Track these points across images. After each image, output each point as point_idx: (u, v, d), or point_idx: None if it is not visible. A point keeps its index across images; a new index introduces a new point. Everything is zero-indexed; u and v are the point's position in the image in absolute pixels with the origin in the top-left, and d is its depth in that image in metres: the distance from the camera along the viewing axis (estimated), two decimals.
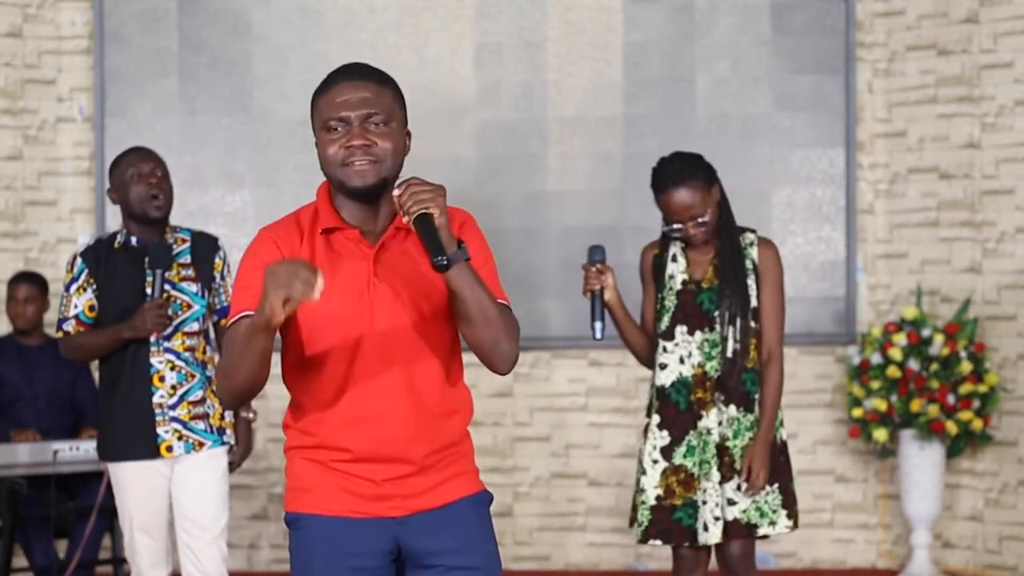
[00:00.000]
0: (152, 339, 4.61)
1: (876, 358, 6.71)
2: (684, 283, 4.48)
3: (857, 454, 7.07)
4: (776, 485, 4.45)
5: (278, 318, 2.61)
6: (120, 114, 7.01)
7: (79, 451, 5.74)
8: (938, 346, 6.64)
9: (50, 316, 6.67)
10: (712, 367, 4.43)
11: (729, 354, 4.42)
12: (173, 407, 4.63)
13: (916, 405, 6.56)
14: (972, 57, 6.84)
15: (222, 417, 4.74)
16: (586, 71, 7.06)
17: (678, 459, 4.45)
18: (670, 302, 4.48)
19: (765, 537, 4.49)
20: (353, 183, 2.86)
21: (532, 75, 7.03)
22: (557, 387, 6.96)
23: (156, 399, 4.62)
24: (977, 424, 6.60)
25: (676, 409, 4.45)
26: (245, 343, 2.71)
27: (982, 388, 6.62)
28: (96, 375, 6.61)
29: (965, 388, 6.59)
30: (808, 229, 6.98)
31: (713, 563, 4.60)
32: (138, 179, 4.67)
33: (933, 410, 6.56)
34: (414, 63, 7.03)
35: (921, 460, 6.65)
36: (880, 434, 6.67)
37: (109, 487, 5.77)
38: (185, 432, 4.64)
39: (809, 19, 7.03)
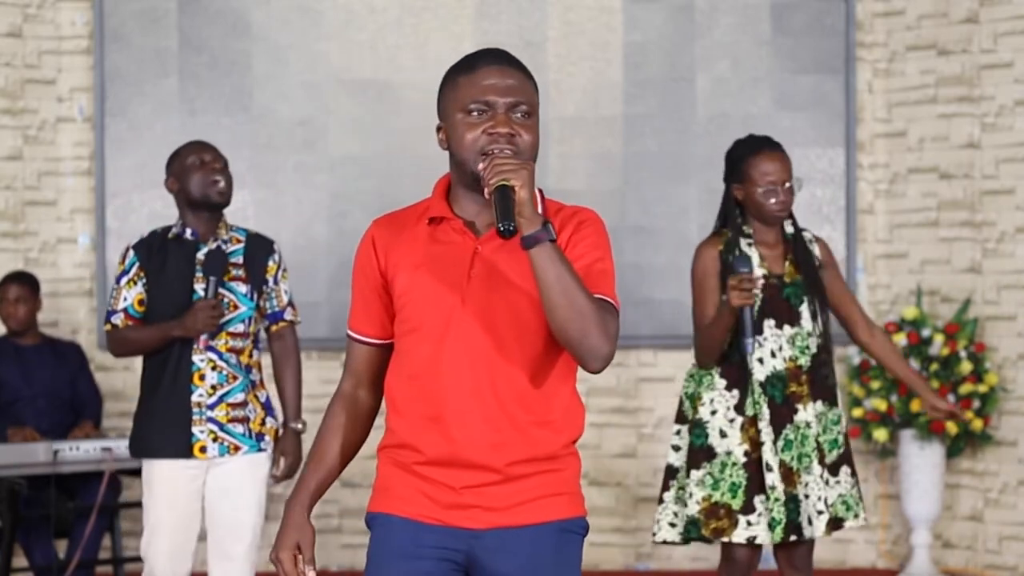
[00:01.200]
0: (198, 343, 4.51)
1: None
2: (766, 277, 4.45)
3: (857, 454, 7.05)
4: (854, 477, 4.51)
5: None
6: (120, 114, 7.01)
7: (79, 451, 5.74)
8: (938, 346, 6.64)
9: (47, 316, 6.67)
10: (805, 361, 4.44)
11: (815, 349, 4.45)
12: (211, 407, 4.52)
13: (916, 405, 6.56)
14: (972, 57, 6.84)
15: (263, 423, 4.62)
16: (586, 71, 7.06)
17: (778, 455, 4.41)
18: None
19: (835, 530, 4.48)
20: (481, 165, 2.66)
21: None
22: None
23: (195, 397, 4.52)
24: (977, 424, 6.61)
25: (773, 403, 4.42)
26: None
27: (982, 388, 6.62)
28: (97, 376, 6.64)
29: (965, 388, 6.59)
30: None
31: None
32: (200, 166, 4.60)
33: None
34: (414, 63, 7.03)
35: (921, 460, 6.65)
36: (880, 434, 6.68)
37: (109, 487, 5.78)
38: (221, 434, 4.52)
39: (809, 19, 7.03)
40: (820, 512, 4.40)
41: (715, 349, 4.42)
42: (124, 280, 4.60)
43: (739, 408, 4.43)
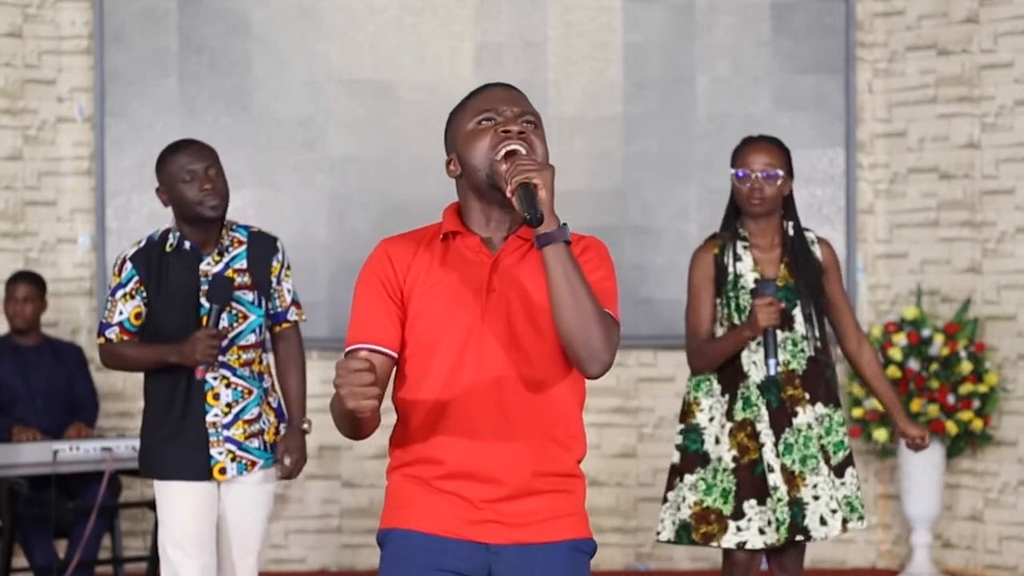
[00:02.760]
0: (195, 375, 4.29)
1: None
2: (757, 282, 4.44)
3: (857, 454, 7.06)
4: (857, 479, 4.48)
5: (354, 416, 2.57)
6: (120, 114, 7.01)
7: (79, 451, 5.74)
8: (938, 346, 6.64)
9: (46, 316, 6.67)
10: (798, 364, 4.43)
11: (811, 352, 4.43)
12: (227, 427, 4.33)
13: (916, 405, 6.57)
14: (972, 57, 6.85)
15: (276, 431, 4.45)
16: (586, 71, 7.06)
17: (778, 458, 4.41)
18: (745, 301, 4.42)
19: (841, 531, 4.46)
20: (507, 166, 2.69)
21: (532, 75, 7.03)
22: None
23: (210, 418, 4.32)
24: (977, 424, 6.61)
25: (770, 407, 4.41)
26: (342, 414, 2.61)
27: (982, 388, 6.62)
28: (96, 376, 6.64)
29: (965, 388, 6.59)
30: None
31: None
32: (190, 179, 4.31)
33: (933, 410, 6.57)
34: (414, 63, 7.03)
35: (921, 460, 6.65)
36: (880, 434, 6.68)
37: (109, 487, 5.78)
38: (239, 453, 4.34)
39: (809, 19, 7.04)
40: (834, 511, 4.39)
41: (716, 363, 4.44)
42: (120, 293, 4.35)
43: (729, 413, 4.43)
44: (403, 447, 2.77)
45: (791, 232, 4.51)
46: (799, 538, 4.38)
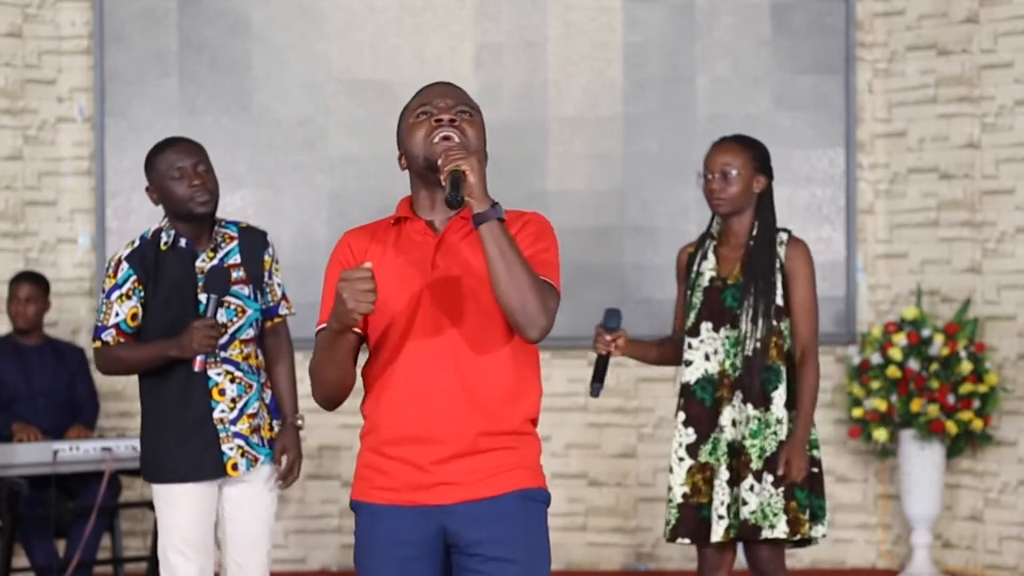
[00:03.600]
0: (194, 367, 4.22)
1: (876, 358, 6.71)
2: (711, 280, 4.47)
3: (857, 454, 7.07)
4: (782, 490, 4.37)
5: (351, 322, 2.85)
6: (120, 114, 7.01)
7: (79, 451, 5.74)
8: (938, 346, 6.64)
9: (50, 316, 6.67)
10: (731, 365, 4.42)
11: (749, 352, 4.40)
12: (234, 422, 4.28)
13: (916, 405, 6.57)
14: (972, 57, 6.84)
15: (271, 427, 4.41)
16: (586, 71, 7.06)
17: (703, 456, 4.43)
18: (697, 299, 4.47)
19: (801, 542, 4.45)
20: (439, 148, 2.95)
21: (532, 75, 7.03)
22: (557, 387, 6.95)
23: (217, 414, 4.26)
24: (977, 424, 6.61)
25: (702, 406, 4.43)
26: (329, 350, 2.95)
27: (982, 388, 6.62)
28: (96, 376, 6.64)
29: (965, 388, 6.59)
30: (808, 229, 6.96)
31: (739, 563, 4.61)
32: (179, 177, 4.26)
33: (933, 410, 6.56)
34: (414, 63, 7.04)
35: (921, 460, 6.65)
36: (880, 434, 6.68)
37: (109, 487, 5.78)
38: (247, 448, 4.30)
39: (809, 19, 7.03)
40: (721, 517, 4.38)
41: (670, 363, 4.62)
42: (116, 294, 4.27)
43: (692, 450, 4.46)
44: (367, 416, 3.03)
45: (755, 231, 4.49)
46: (686, 541, 4.45)
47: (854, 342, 6.98)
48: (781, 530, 4.36)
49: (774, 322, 4.41)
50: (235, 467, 4.28)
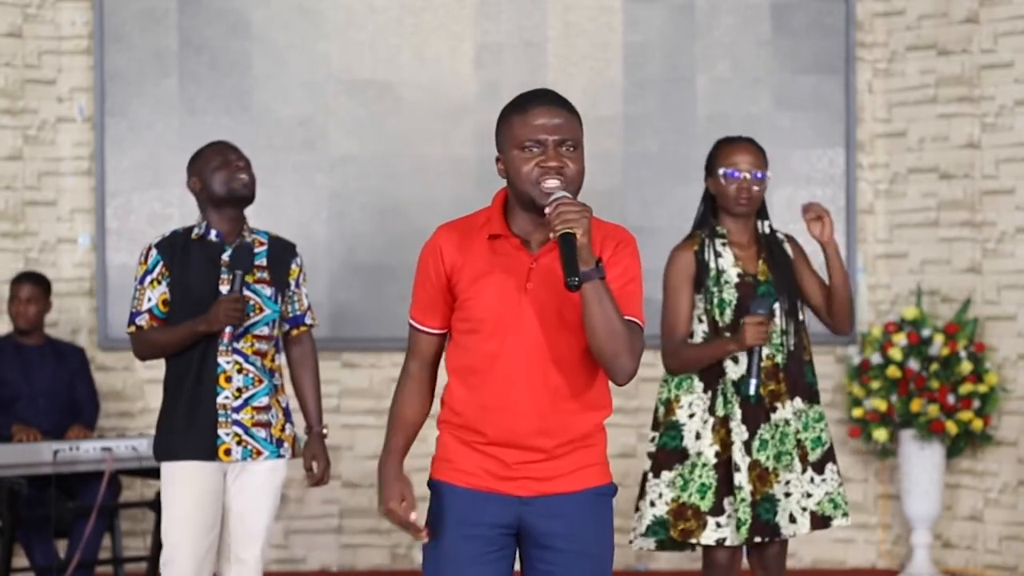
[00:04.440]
0: (221, 340, 4.43)
1: (876, 358, 6.71)
2: (740, 276, 4.47)
3: (857, 454, 7.07)
4: (839, 476, 4.47)
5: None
6: (120, 114, 7.01)
7: (79, 451, 5.73)
8: (938, 346, 6.64)
9: (50, 317, 6.67)
10: (781, 359, 4.43)
11: (791, 347, 4.43)
12: (237, 410, 4.46)
13: (916, 405, 6.57)
14: (972, 57, 6.85)
15: (283, 429, 4.57)
16: (586, 71, 7.06)
17: (752, 454, 4.40)
18: (729, 295, 4.45)
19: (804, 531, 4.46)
20: (547, 201, 3.09)
21: (532, 75, 7.03)
22: None
23: (220, 399, 4.44)
24: (977, 424, 6.61)
25: (746, 402, 4.41)
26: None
27: (982, 388, 6.62)
28: (96, 376, 6.64)
29: (965, 388, 6.59)
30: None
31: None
32: (224, 164, 4.52)
33: (933, 410, 6.57)
34: (414, 63, 7.04)
35: (921, 460, 6.66)
36: (880, 434, 6.68)
37: (109, 487, 5.78)
38: (245, 437, 4.46)
39: (809, 19, 7.03)
40: (804, 509, 4.39)
41: (694, 369, 4.48)
42: (148, 280, 4.49)
43: (711, 409, 4.43)
44: (453, 410, 3.20)
45: (767, 231, 4.55)
46: (763, 539, 4.37)
47: (854, 342, 6.98)
48: (849, 517, 4.48)
49: (802, 317, 4.50)
50: (228, 452, 4.46)
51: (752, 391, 4.35)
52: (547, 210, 3.05)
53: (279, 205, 7.02)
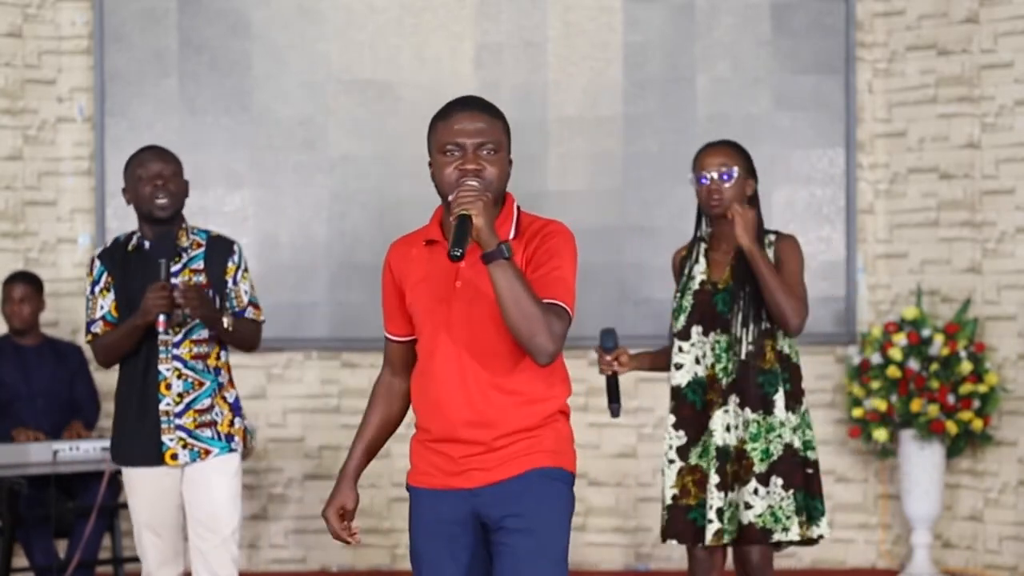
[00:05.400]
0: (161, 347, 4.57)
1: (876, 358, 6.71)
2: (702, 283, 4.50)
3: (857, 454, 7.07)
4: (791, 492, 4.39)
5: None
6: (120, 114, 7.01)
7: (79, 451, 5.74)
8: (938, 346, 6.64)
9: (47, 316, 6.67)
10: (722, 369, 4.43)
11: (743, 356, 4.41)
12: (179, 415, 4.58)
13: (916, 405, 6.57)
14: (972, 57, 6.84)
15: (231, 424, 4.68)
16: (586, 71, 7.06)
17: (694, 459, 4.45)
18: (687, 302, 4.50)
19: (778, 545, 4.46)
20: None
21: (532, 75, 7.03)
22: None
23: (163, 406, 4.58)
24: (977, 424, 6.61)
25: (692, 409, 4.46)
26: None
27: (982, 388, 6.62)
28: (96, 376, 6.64)
29: (965, 388, 6.59)
30: (808, 229, 6.97)
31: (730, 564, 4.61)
32: (145, 180, 4.63)
33: (933, 410, 6.56)
34: (414, 63, 7.04)
35: (921, 460, 6.65)
36: (880, 434, 6.68)
37: (109, 487, 5.78)
38: (190, 440, 4.59)
39: (809, 19, 7.03)
40: (710, 521, 4.39)
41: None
42: (97, 289, 4.66)
43: (683, 452, 4.48)
44: (414, 412, 3.37)
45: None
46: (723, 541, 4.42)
47: (854, 342, 6.98)
48: (795, 532, 4.38)
49: (766, 325, 4.43)
50: (174, 457, 4.59)
51: (613, 416, 4.43)
52: (450, 198, 3.16)
53: (279, 205, 7.02)
